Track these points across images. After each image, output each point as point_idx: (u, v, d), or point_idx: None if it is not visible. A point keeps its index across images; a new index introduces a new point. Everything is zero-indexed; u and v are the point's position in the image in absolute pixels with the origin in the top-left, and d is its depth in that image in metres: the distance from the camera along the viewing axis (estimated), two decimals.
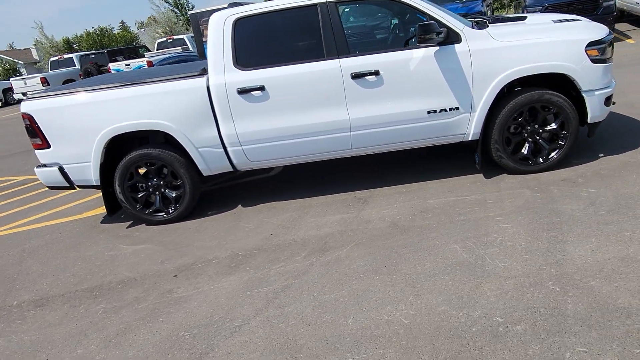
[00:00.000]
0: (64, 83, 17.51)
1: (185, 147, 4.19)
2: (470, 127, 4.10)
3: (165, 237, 4.19)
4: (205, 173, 4.35)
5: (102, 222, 4.77)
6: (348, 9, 4.30)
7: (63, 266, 3.95)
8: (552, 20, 4.25)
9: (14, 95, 19.41)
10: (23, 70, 36.18)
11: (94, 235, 4.49)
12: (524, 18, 4.48)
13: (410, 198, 4.14)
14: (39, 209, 5.51)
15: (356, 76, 3.97)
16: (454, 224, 3.54)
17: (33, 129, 4.24)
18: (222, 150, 4.23)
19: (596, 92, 4.01)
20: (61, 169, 4.33)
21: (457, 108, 4.04)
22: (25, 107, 4.24)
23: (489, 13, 11.69)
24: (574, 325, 2.33)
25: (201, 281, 3.35)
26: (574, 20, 4.31)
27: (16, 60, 38.08)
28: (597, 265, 2.76)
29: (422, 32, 3.72)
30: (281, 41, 4.20)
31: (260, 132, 4.14)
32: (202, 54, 15.82)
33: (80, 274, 3.77)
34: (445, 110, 4.04)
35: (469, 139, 4.17)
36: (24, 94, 17.98)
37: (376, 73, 3.97)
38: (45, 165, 4.37)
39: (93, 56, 19.54)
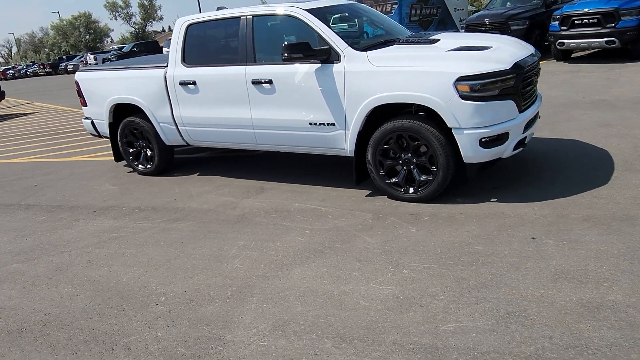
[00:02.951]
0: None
1: (151, 121, 5.47)
2: (347, 144, 4.27)
3: (133, 185, 5.63)
4: (166, 143, 5.57)
5: (116, 163, 6.50)
6: (276, 23, 4.74)
7: (85, 190, 5.78)
8: (453, 48, 3.94)
9: None
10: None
11: (105, 173, 6.25)
12: (436, 41, 4.20)
13: (288, 197, 4.60)
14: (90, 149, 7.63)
15: (255, 82, 4.55)
16: (266, 228, 3.99)
17: (79, 91, 6.11)
18: (175, 127, 5.36)
19: (465, 131, 3.70)
20: (92, 122, 6.13)
21: (333, 124, 4.26)
22: (76, 75, 6.10)
23: None
24: None
25: (95, 217, 4.66)
26: (484, 48, 3.91)
27: None
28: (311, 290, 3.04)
29: (284, 50, 4.07)
30: (214, 46, 5.01)
31: (192, 117, 5.12)
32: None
33: (88, 194, 5.52)
34: (323, 124, 4.31)
35: (350, 155, 4.34)
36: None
37: (270, 82, 4.47)
38: (86, 118, 6.24)
39: None
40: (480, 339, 2.39)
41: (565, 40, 10.12)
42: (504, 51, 3.89)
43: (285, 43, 4.09)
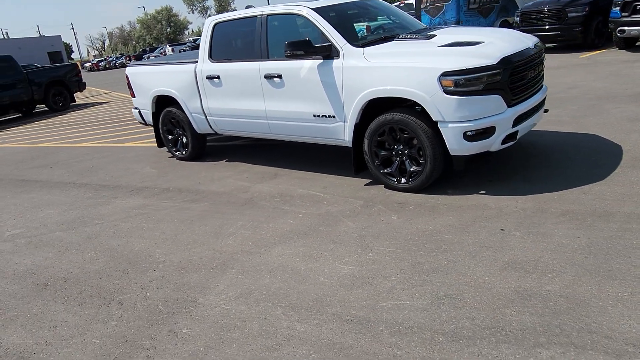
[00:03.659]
0: None
1: (184, 111, 6.04)
2: (346, 135, 4.53)
3: (170, 168, 6.25)
4: (198, 131, 6.13)
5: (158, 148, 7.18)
6: (286, 21, 5.05)
7: (129, 172, 6.55)
8: (445, 44, 4.04)
9: None
10: None
11: (148, 158, 6.96)
12: (433, 36, 4.30)
13: (294, 183, 4.96)
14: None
15: (267, 77, 4.92)
16: (266, 210, 4.37)
17: (129, 84, 6.84)
18: (204, 117, 5.88)
19: (449, 125, 3.83)
20: (139, 112, 6.85)
21: (333, 116, 4.53)
22: (126, 70, 6.83)
23: None
24: None
25: (130, 196, 5.31)
26: (475, 43, 3.98)
27: None
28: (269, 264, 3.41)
29: (286, 48, 4.38)
30: (235, 43, 5.42)
31: (217, 108, 5.61)
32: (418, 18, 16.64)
33: (126, 174, 6.27)
34: (325, 116, 4.60)
35: (350, 146, 4.59)
36: None
37: (280, 76, 4.82)
38: (135, 108, 6.98)
39: None
40: (410, 315, 2.61)
41: (626, 27, 9.47)
42: (494, 46, 3.94)
43: (288, 41, 4.41)
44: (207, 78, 5.56)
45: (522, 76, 4.00)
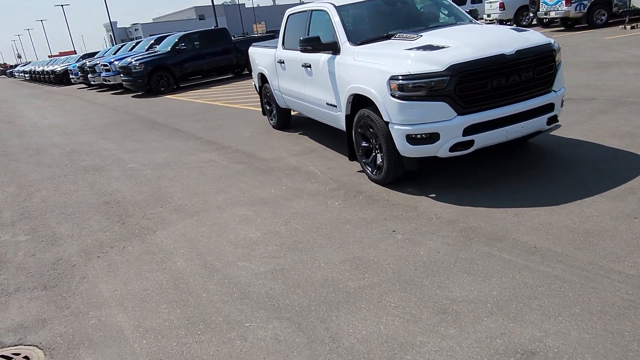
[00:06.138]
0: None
1: (271, 87, 7.19)
2: (343, 124, 5.00)
3: (260, 134, 7.57)
4: (280, 105, 7.21)
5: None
6: (320, 16, 5.52)
7: (232, 132, 8.20)
8: (414, 47, 4.10)
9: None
10: None
11: (254, 123, 8.39)
12: (419, 38, 4.27)
13: (314, 160, 5.69)
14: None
15: (304, 66, 5.65)
16: (269, 179, 5.28)
17: (250, 61, 8.32)
18: (280, 93, 6.94)
19: (395, 126, 4.01)
20: (254, 84, 8.31)
21: (335, 106, 5.04)
22: (249, 49, 8.30)
23: None
24: None
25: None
26: (441, 47, 3.93)
27: None
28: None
29: (300, 43, 5.01)
30: (294, 33, 6.17)
31: (284, 87, 6.59)
32: None
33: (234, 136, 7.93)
34: (332, 105, 5.13)
35: None
36: (489, 15, 21.13)
37: (310, 66, 5.50)
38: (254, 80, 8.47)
39: None
40: (252, 279, 3.31)
41: None
42: (454, 51, 3.84)
43: (302, 37, 5.07)
44: (278, 62, 6.57)
45: (482, 84, 3.82)
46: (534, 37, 4.12)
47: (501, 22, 21.23)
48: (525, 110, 4.02)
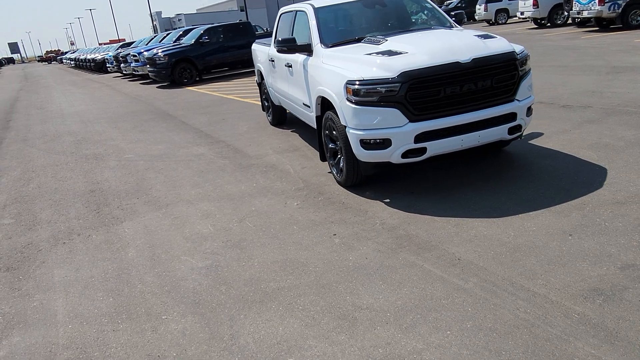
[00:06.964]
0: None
1: (266, 83, 7.31)
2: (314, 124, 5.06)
3: (257, 129, 7.72)
4: (274, 102, 7.32)
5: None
6: (302, 17, 5.55)
7: (232, 127, 8.39)
8: (374, 52, 4.11)
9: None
10: None
11: (253, 118, 8.53)
12: (384, 42, 4.25)
13: (293, 159, 5.78)
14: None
15: (286, 65, 5.73)
16: (245, 175, 5.41)
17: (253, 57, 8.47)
18: (273, 91, 7.05)
19: (350, 130, 4.04)
20: (256, 81, 8.47)
21: (309, 106, 5.10)
22: (252, 45, 8.44)
23: None
24: None
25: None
26: (399, 52, 3.92)
27: None
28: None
29: (277, 44, 5.08)
30: (284, 32, 6.24)
31: (274, 85, 6.70)
32: None
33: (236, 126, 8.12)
34: (306, 105, 5.20)
35: None
36: (522, 13, 20.47)
37: (290, 66, 5.57)
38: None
39: None
40: (185, 263, 3.47)
41: None
42: (409, 58, 3.82)
43: (280, 38, 5.14)
44: (270, 60, 6.68)
45: (435, 91, 3.79)
46: (495, 45, 4.05)
47: (535, 20, 20.53)
48: (482, 119, 3.96)
